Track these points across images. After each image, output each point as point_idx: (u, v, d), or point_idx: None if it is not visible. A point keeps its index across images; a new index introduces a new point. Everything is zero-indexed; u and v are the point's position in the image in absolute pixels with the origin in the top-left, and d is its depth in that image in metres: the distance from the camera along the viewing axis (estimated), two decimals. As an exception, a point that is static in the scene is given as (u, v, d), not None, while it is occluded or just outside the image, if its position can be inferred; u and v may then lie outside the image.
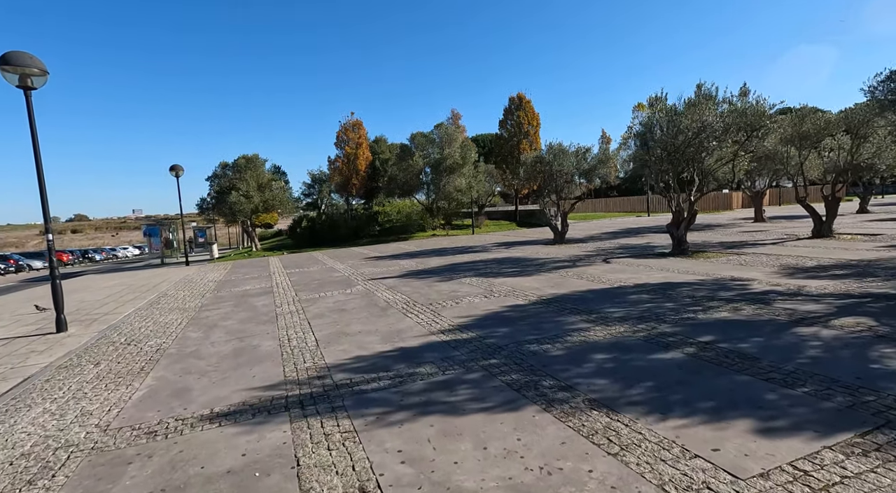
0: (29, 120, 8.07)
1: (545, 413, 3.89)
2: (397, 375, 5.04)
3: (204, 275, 18.13)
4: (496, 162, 36.59)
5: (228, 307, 10.10)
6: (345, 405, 4.33)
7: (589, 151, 18.99)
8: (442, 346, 6.01)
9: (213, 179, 27.90)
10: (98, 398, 4.92)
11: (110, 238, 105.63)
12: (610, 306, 7.47)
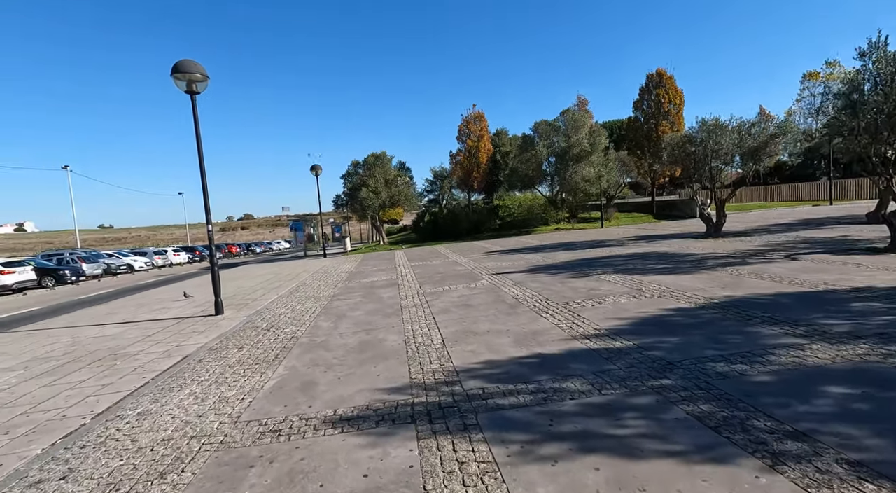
0: (194, 123, 8.95)
1: (776, 475, 2.62)
2: (539, 389, 4.12)
3: (338, 266, 19.35)
4: (629, 148, 33.11)
5: (357, 298, 10.22)
6: (479, 424, 3.55)
7: (755, 126, 15.59)
8: (591, 356, 4.91)
9: (347, 177, 30.14)
10: (235, 385, 4.93)
11: (268, 233, 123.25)
12: (823, 316, 5.53)
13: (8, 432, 4.13)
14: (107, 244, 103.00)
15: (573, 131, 28.07)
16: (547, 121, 29.30)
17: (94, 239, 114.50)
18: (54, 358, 6.83)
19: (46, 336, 8.72)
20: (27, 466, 3.44)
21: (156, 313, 10.37)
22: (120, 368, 5.99)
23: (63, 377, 5.75)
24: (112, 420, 4.19)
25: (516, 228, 31.39)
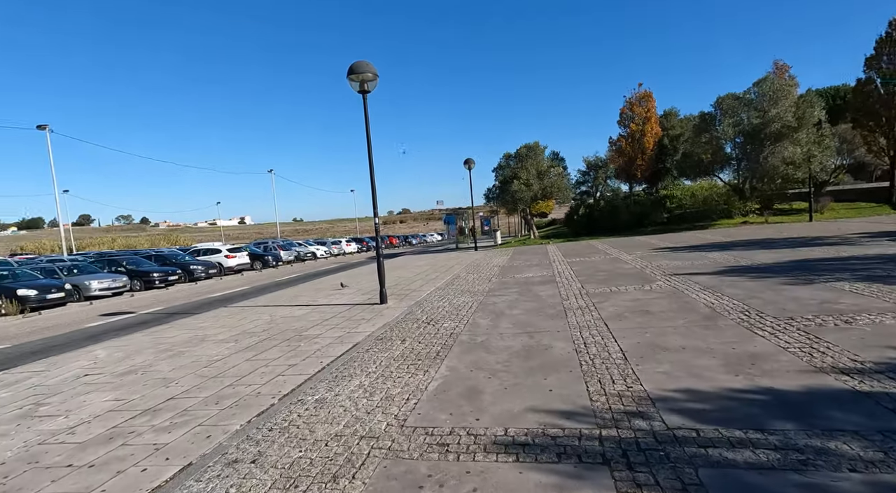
0: (365, 121, 9.47)
1: None
2: (788, 445, 2.94)
3: (489, 260, 19.24)
4: (854, 120, 25.83)
5: (513, 294, 9.70)
6: (705, 485, 2.61)
7: None
8: (863, 402, 3.44)
9: (498, 170, 30.06)
10: (400, 382, 4.80)
11: (422, 226, 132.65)
12: None
13: (218, 402, 4.65)
14: (298, 235, 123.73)
15: (770, 104, 22.98)
16: (734, 94, 24.63)
17: (289, 230, 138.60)
18: (256, 334, 7.87)
19: (253, 312, 10.28)
20: (228, 441, 3.71)
21: (331, 298, 11.46)
22: (303, 349, 6.51)
23: (261, 354, 6.48)
24: (295, 404, 4.39)
25: (688, 221, 27.27)
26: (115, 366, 6.49)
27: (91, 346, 8.20)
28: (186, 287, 19.66)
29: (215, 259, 24.44)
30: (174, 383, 5.44)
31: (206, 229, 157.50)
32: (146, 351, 7.27)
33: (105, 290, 17.14)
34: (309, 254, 34.72)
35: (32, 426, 4.41)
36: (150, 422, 4.26)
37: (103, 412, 4.63)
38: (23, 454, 3.79)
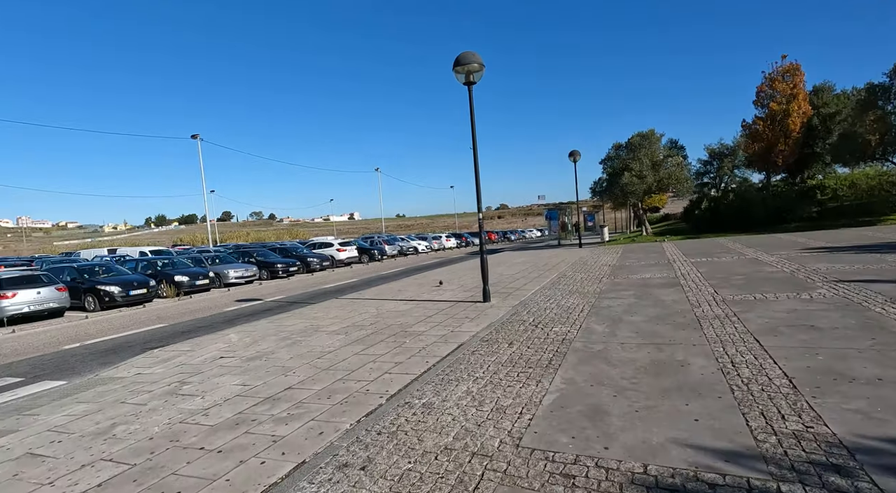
0: (470, 114, 9.19)
1: None
2: None
3: (597, 258, 17.92)
4: None
5: (630, 298, 8.72)
6: None
7: None
8: None
9: (607, 162, 27.98)
10: (511, 391, 4.41)
11: (521, 222, 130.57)
12: None
13: (330, 397, 4.70)
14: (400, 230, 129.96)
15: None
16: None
17: (393, 225, 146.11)
18: (364, 327, 8.07)
19: (361, 305, 10.68)
20: (339, 441, 3.66)
21: (433, 294, 11.47)
22: (408, 346, 6.44)
23: (369, 348, 6.56)
24: (402, 407, 4.23)
25: (847, 216, 22.74)
26: (245, 351, 7.06)
27: (227, 329, 9.13)
28: (304, 277, 21.45)
29: (328, 252, 26.39)
30: (292, 372, 5.68)
31: (321, 224, 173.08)
32: (269, 338, 7.83)
33: (239, 278, 19.38)
34: (411, 249, 35.94)
35: (176, 404, 4.87)
36: (270, 411, 4.42)
37: (232, 396, 4.95)
38: (166, 432, 4.14)
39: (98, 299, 14.12)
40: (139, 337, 9.72)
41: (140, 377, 6.10)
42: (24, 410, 5.25)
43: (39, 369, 7.58)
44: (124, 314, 13.35)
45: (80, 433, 4.26)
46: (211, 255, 22.32)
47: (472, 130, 9.23)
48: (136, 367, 6.71)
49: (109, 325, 11.62)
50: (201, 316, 12.00)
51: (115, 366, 7.01)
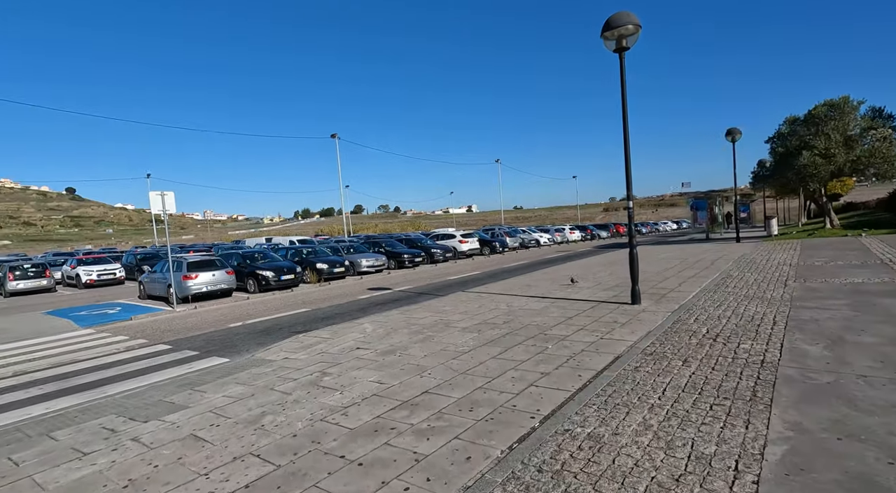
0: (621, 86, 7.90)
1: None
2: None
3: (768, 255, 14.83)
4: None
5: (843, 309, 6.66)
6: None
7: None
8: None
9: (776, 140, 23.13)
10: (709, 433, 3.32)
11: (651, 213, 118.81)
12: None
13: (472, 409, 4.13)
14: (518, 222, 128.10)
15: None
16: None
17: (510, 217, 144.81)
18: (497, 325, 7.45)
19: (489, 300, 10.12)
20: (491, 474, 3.03)
21: (567, 291, 10.39)
22: (553, 354, 5.62)
23: (506, 351, 5.90)
24: (562, 437, 3.46)
25: None
26: (379, 342, 6.96)
27: (361, 319, 9.32)
28: (428, 268, 21.85)
29: (451, 244, 26.63)
30: (427, 372, 5.29)
31: (440, 217, 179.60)
32: (401, 331, 7.68)
33: (370, 267, 20.45)
34: (532, 241, 34.68)
35: (318, 397, 4.77)
36: (409, 419, 4.01)
37: (370, 395, 4.70)
38: (308, 430, 3.97)
39: (257, 282, 15.94)
40: (287, 320, 10.51)
41: (287, 363, 6.31)
42: (195, 385, 5.71)
43: (211, 344, 8.50)
44: (277, 297, 14.82)
45: (234, 419, 4.35)
46: (346, 244, 24.02)
47: (623, 103, 7.92)
48: (283, 351, 7.03)
49: (265, 306, 12.91)
50: (338, 303, 12.66)
51: (268, 348, 7.46)
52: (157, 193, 13.10)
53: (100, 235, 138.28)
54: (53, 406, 5.57)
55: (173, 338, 9.25)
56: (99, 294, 18.62)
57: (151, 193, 13.00)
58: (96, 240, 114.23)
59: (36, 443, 4.22)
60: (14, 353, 8.73)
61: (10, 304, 17.18)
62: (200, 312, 12.71)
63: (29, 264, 20.88)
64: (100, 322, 11.59)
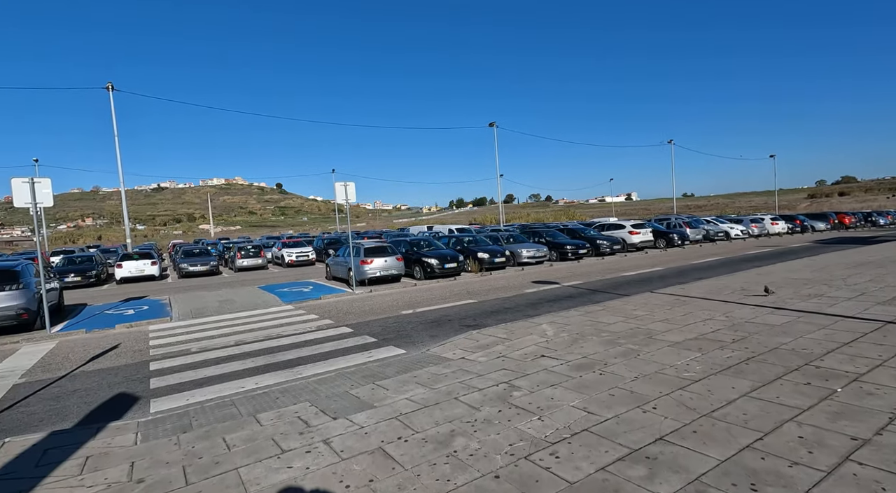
0: None
1: None
2: None
3: None
4: None
5: None
6: None
7: None
8: None
9: None
10: None
11: (885, 200, 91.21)
12: None
13: (756, 485, 2.76)
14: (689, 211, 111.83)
15: None
16: None
17: (679, 206, 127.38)
18: (724, 344, 5.69)
19: (694, 306, 8.15)
20: None
21: (812, 302, 7.74)
22: (852, 405, 3.78)
23: (761, 388, 4.24)
24: None
25: None
26: (566, 351, 5.90)
27: (536, 318, 8.37)
28: (594, 261, 19.85)
29: (618, 235, 23.90)
30: (649, 405, 4.03)
31: (595, 206, 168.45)
32: (590, 338, 6.48)
33: (531, 258, 19.43)
34: (720, 233, 29.20)
35: (512, 420, 3.95)
36: (652, 486, 2.85)
37: (579, 429, 3.68)
38: (513, 473, 3.14)
39: (423, 269, 16.37)
40: (455, 311, 10.19)
41: (465, 365, 5.71)
42: (376, 378, 5.49)
43: (387, 331, 8.57)
44: (441, 285, 14.91)
45: (422, 434, 3.80)
46: (504, 234, 23.43)
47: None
48: (459, 349, 6.50)
49: (431, 294, 12.98)
50: (504, 295, 11.97)
51: (441, 343, 7.06)
52: (341, 184, 14.21)
53: (298, 222, 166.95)
54: (262, 382, 5.96)
55: (354, 321, 9.68)
56: (297, 273, 21.61)
57: (336, 184, 14.14)
58: (295, 226, 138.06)
59: (245, 424, 4.32)
60: (237, 322, 10.17)
61: (237, 278, 21.08)
62: (375, 296, 13.41)
63: (250, 246, 25.48)
64: (297, 299, 13.06)
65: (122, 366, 7.14)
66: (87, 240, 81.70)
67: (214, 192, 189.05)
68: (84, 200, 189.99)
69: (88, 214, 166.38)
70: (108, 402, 5.57)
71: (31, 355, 8.22)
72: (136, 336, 9.33)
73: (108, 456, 3.81)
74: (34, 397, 5.85)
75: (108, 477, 3.43)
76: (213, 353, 7.57)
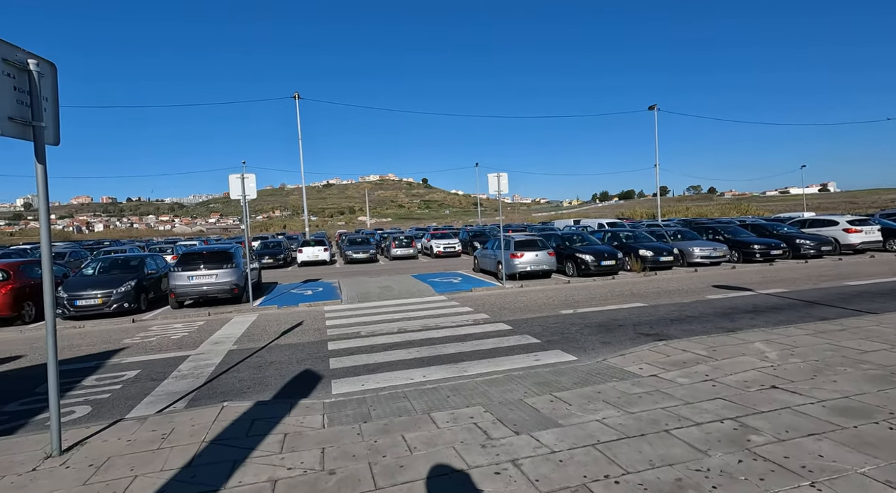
0: None
1: None
2: None
3: None
4: None
5: None
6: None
7: None
8: None
9: None
10: None
11: None
12: None
13: None
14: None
15: None
16: None
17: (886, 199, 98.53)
18: None
19: None
20: None
21: None
22: None
23: None
24: None
25: None
26: (811, 386, 4.43)
27: (739, 332, 6.76)
28: (794, 265, 16.06)
29: (828, 232, 19.02)
30: None
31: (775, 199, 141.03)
32: (840, 369, 4.82)
33: (705, 258, 16.61)
34: None
35: (768, 481, 2.90)
36: None
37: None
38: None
39: (576, 266, 15.17)
40: (624, 315, 8.96)
41: (662, 385, 4.70)
42: (552, 388, 4.85)
43: (548, 332, 7.86)
44: (598, 284, 13.58)
45: (636, 477, 3.01)
46: (670, 230, 20.59)
47: None
48: (646, 363, 5.46)
49: (588, 293, 11.83)
50: (680, 301, 10.23)
51: (620, 353, 6.08)
52: (493, 175, 13.86)
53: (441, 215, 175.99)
54: (429, 375, 5.82)
55: (511, 317, 9.20)
56: (444, 263, 22.25)
57: (490, 175, 13.82)
58: (438, 219, 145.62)
59: (421, 423, 4.09)
60: (397, 309, 10.57)
61: (392, 266, 22.61)
62: (527, 291, 12.78)
63: (403, 237, 27.17)
64: (449, 290, 13.18)
65: (306, 343, 7.82)
66: (275, 229, 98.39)
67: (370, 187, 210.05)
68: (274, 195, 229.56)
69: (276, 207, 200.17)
70: (297, 377, 6.01)
71: (240, 324, 9.64)
72: (315, 315, 10.31)
73: (301, 437, 3.91)
74: (243, 365, 6.66)
75: (303, 461, 3.45)
76: (380, 339, 7.83)
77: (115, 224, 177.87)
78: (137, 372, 6.53)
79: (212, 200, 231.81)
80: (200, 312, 11.07)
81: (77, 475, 3.37)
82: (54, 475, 3.41)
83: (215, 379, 6.05)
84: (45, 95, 3.57)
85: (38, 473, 3.45)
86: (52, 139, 3.66)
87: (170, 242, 32.73)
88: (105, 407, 5.24)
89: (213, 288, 11.49)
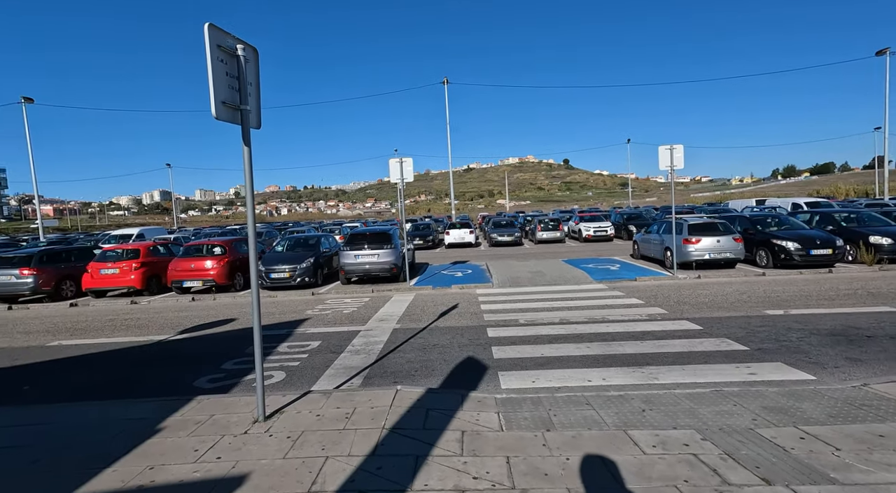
0: None
1: None
2: None
3: None
4: None
5: None
6: None
7: None
8: None
9: None
10: None
11: None
12: None
13: None
14: None
15: None
16: None
17: None
18: None
19: None
20: None
21: None
22: None
23: None
24: None
25: None
26: None
27: None
28: None
29: None
30: None
31: None
32: None
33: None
34: None
35: None
36: None
37: None
38: None
39: (772, 255, 12.37)
40: (866, 322, 6.75)
41: None
42: (794, 418, 3.65)
43: (755, 337, 6.28)
44: (809, 279, 10.82)
45: None
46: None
47: None
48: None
49: (798, 290, 9.41)
50: (959, 308, 7.37)
51: (892, 379, 4.41)
52: (665, 147, 11.96)
53: (583, 197, 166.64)
54: (609, 379, 5.03)
55: (696, 314, 7.72)
56: (594, 248, 20.56)
57: (661, 148, 11.96)
58: (580, 201, 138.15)
59: (619, 443, 3.37)
60: (553, 297, 9.83)
61: (538, 250, 21.76)
62: (707, 283, 10.80)
63: (549, 219, 25.99)
64: (607, 278, 11.89)
65: (465, 327, 7.63)
66: (421, 212, 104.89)
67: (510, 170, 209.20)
68: (419, 180, 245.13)
69: (422, 191, 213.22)
70: (462, 364, 5.78)
71: (401, 303, 10.02)
72: (468, 298, 10.19)
73: (479, 438, 3.55)
74: (407, 345, 6.74)
75: (489, 471, 3.06)
76: (541, 329, 7.23)
77: (295, 208, 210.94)
78: (319, 343, 7.09)
79: (368, 187, 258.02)
80: (364, 288, 11.90)
81: (278, 446, 3.53)
82: (260, 441, 3.63)
83: (384, 358, 6.19)
84: (250, 80, 3.73)
85: (248, 437, 3.72)
86: (255, 123, 3.84)
87: (336, 223, 37.15)
88: (296, 375, 5.70)
89: (374, 267, 12.27)
